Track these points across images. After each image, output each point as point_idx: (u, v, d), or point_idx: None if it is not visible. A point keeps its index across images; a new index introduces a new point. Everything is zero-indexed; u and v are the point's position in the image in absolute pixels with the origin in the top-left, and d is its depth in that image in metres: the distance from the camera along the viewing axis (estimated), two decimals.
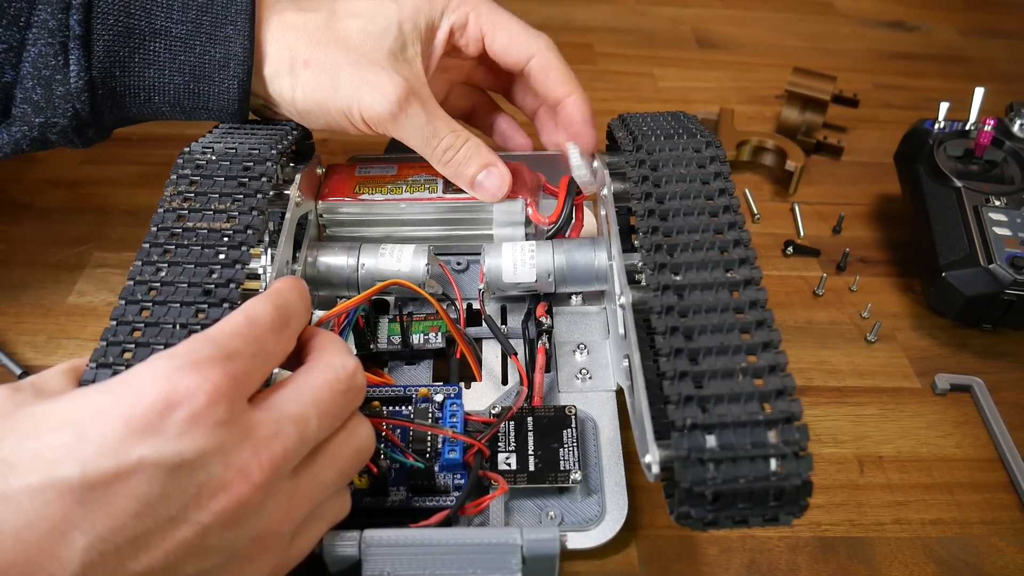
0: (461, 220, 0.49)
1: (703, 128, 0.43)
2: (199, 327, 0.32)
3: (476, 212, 0.48)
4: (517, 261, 0.45)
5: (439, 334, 0.45)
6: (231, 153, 0.40)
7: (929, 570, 0.39)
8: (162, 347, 0.32)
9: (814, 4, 0.89)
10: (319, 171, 0.49)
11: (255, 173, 0.39)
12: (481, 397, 0.43)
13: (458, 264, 0.50)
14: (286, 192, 0.42)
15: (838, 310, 0.53)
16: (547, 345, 0.44)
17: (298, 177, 0.43)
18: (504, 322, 0.47)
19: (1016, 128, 0.57)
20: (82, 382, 0.30)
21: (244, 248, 0.36)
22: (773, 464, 0.30)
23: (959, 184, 0.53)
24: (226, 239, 0.36)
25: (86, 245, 0.53)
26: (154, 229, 0.36)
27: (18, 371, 0.45)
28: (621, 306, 0.38)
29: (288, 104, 0.43)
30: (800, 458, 0.30)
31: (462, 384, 0.42)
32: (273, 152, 0.41)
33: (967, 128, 0.57)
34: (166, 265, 0.35)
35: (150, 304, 0.33)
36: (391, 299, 0.47)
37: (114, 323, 0.33)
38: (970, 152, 0.56)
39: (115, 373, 0.30)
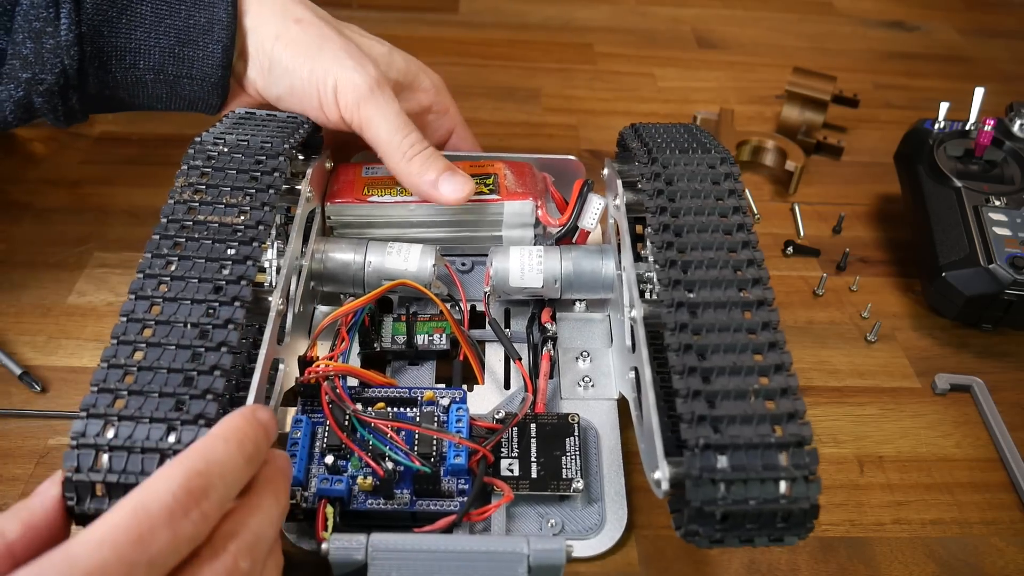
0: (470, 222, 0.49)
1: (716, 143, 0.43)
2: (209, 326, 0.32)
3: (485, 214, 0.48)
4: (525, 265, 0.45)
5: (443, 335, 0.45)
6: (243, 145, 0.40)
7: (929, 570, 0.39)
8: (173, 348, 0.31)
9: (814, 4, 0.89)
10: (327, 165, 0.49)
11: (268, 167, 0.39)
12: (483, 400, 0.43)
13: (463, 265, 0.50)
14: (297, 187, 0.42)
15: (838, 310, 0.53)
16: (552, 352, 0.44)
17: (309, 172, 0.43)
18: (507, 325, 0.47)
19: (1016, 128, 0.57)
20: (82, 406, 0.29)
21: (255, 244, 0.35)
22: (783, 487, 0.30)
23: (959, 184, 0.53)
24: (238, 234, 0.36)
25: (86, 245, 0.53)
26: (164, 220, 0.36)
27: (18, 371, 0.45)
28: (632, 319, 0.38)
29: (264, 54, 0.43)
30: (809, 482, 0.30)
31: (464, 386, 0.42)
32: (286, 146, 0.40)
33: (967, 128, 0.57)
34: (176, 259, 0.34)
35: (160, 300, 0.33)
36: (395, 297, 0.47)
37: (124, 319, 0.32)
38: (970, 152, 0.56)
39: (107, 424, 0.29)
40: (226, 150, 0.40)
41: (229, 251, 0.35)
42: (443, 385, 0.43)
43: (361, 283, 0.45)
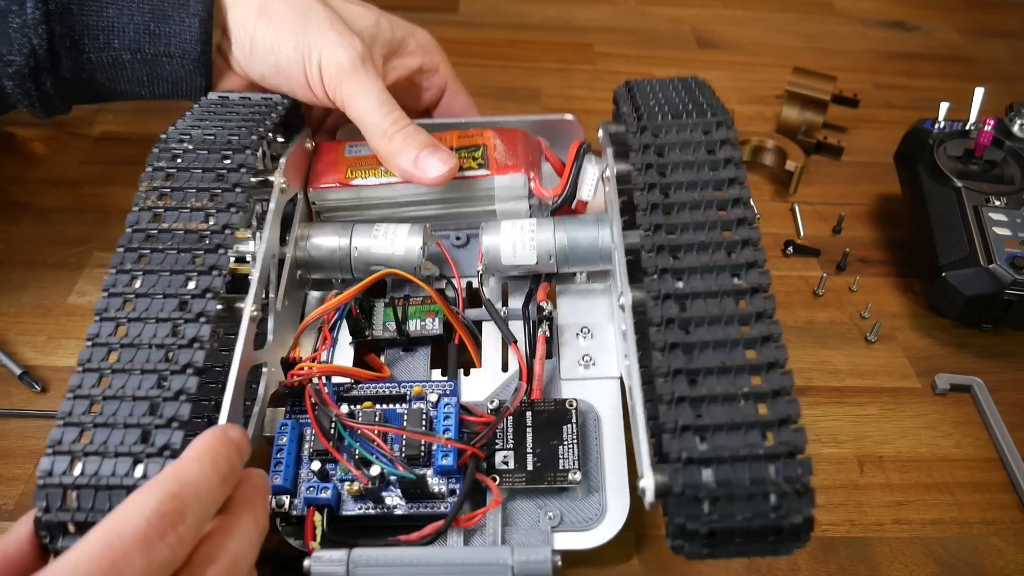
0: (461, 198, 0.46)
1: (715, 102, 0.40)
2: (175, 347, 0.31)
3: (476, 190, 0.46)
4: (517, 242, 0.42)
5: (436, 319, 0.43)
6: (209, 141, 0.38)
7: (929, 570, 0.39)
8: (138, 374, 0.30)
9: (814, 4, 0.89)
10: (308, 145, 0.47)
11: (234, 164, 0.37)
12: (481, 385, 0.41)
13: (457, 239, 0.47)
14: (270, 179, 0.40)
15: (838, 310, 0.53)
16: (547, 333, 0.42)
17: (282, 162, 0.41)
18: (505, 303, 0.45)
19: (1016, 128, 0.57)
20: (49, 442, 0.29)
21: (221, 251, 0.34)
22: (773, 500, 0.28)
23: (959, 184, 0.53)
24: (204, 241, 0.34)
25: (86, 245, 0.53)
26: (129, 231, 0.34)
27: (18, 371, 0.45)
28: (621, 306, 0.36)
29: (247, 31, 0.42)
30: (802, 495, 0.28)
31: (461, 371, 0.41)
32: (253, 138, 0.38)
33: (967, 128, 0.57)
34: (141, 274, 0.33)
35: (125, 320, 0.31)
36: (388, 280, 0.45)
37: (90, 344, 0.31)
38: (970, 152, 0.56)
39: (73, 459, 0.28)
40: (191, 147, 0.38)
41: (195, 261, 0.33)
42: (439, 371, 0.42)
43: (348, 269, 0.43)
